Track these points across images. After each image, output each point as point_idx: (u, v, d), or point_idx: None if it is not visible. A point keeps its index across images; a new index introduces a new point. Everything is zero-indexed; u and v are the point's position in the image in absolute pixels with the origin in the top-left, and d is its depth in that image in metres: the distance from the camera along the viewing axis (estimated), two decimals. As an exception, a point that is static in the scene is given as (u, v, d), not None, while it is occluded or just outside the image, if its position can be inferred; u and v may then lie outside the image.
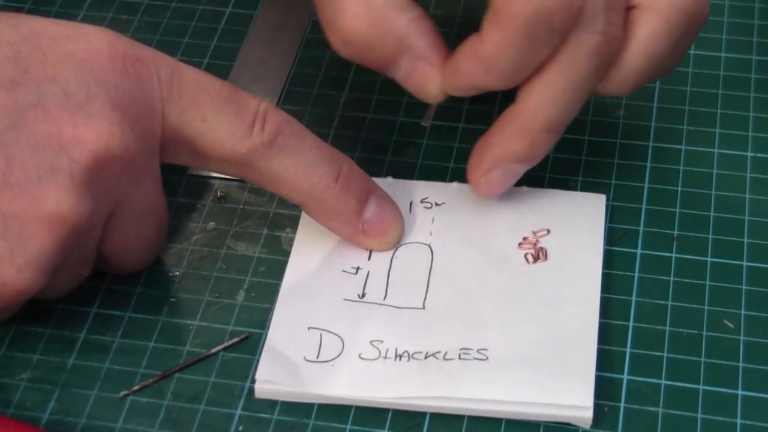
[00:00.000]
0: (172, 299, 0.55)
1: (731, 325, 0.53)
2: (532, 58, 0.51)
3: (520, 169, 0.54)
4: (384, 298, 0.54)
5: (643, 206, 0.57)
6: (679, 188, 0.58)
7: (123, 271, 0.55)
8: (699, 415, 0.50)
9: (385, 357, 0.51)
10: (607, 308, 0.53)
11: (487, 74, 0.52)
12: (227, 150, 0.52)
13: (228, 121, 0.52)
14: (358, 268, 0.55)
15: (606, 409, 0.50)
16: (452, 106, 0.61)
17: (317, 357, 0.52)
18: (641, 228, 0.57)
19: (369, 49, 0.53)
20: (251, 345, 0.53)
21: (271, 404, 0.51)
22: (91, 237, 0.51)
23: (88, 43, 0.50)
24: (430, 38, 0.53)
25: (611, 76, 0.53)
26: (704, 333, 0.53)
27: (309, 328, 0.53)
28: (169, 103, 0.51)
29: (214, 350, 0.53)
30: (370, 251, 0.55)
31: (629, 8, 0.53)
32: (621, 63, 0.53)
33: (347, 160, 0.54)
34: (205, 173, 0.59)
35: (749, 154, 0.59)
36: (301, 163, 0.53)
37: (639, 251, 0.56)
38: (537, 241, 0.55)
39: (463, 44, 0.52)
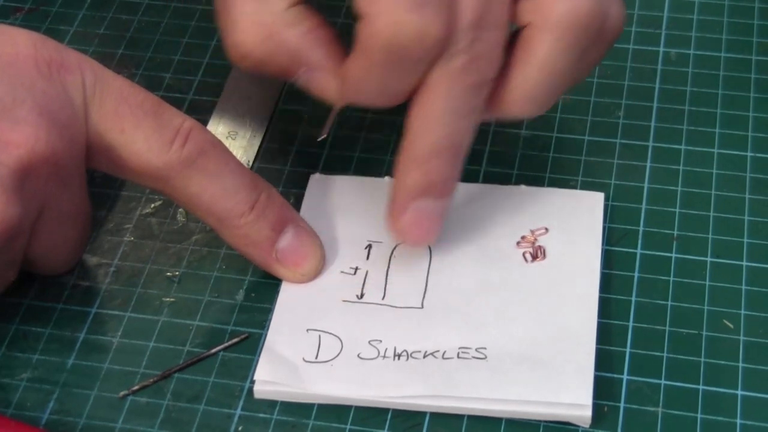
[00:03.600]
0: (172, 299, 0.55)
1: (731, 326, 0.53)
2: (398, 84, 0.51)
3: (433, 205, 0.53)
4: (383, 298, 0.54)
5: (643, 206, 0.57)
6: (679, 188, 0.58)
7: (49, 272, 0.55)
8: (699, 416, 0.50)
9: (384, 356, 0.51)
10: (607, 308, 0.53)
11: (358, 96, 0.51)
12: (143, 163, 0.51)
13: (146, 134, 0.51)
14: (356, 268, 0.55)
15: (605, 409, 0.50)
16: (452, 106, 0.61)
17: (316, 357, 0.52)
18: (641, 228, 0.56)
19: (263, 65, 0.52)
20: (251, 345, 0.53)
21: (270, 404, 0.51)
22: (19, 241, 0.50)
23: (14, 47, 0.50)
24: (324, 50, 0.52)
25: (514, 97, 0.52)
26: (704, 333, 0.53)
27: (308, 329, 0.53)
28: (91, 108, 0.51)
29: (213, 350, 0.53)
30: (368, 251, 0.55)
31: (523, 26, 0.51)
32: (523, 84, 0.51)
33: (268, 188, 0.53)
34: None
35: (749, 154, 0.59)
36: (219, 187, 0.52)
37: (639, 251, 0.56)
38: (535, 239, 0.55)
39: (345, 63, 0.52)
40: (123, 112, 0.51)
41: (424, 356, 0.51)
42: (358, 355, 0.52)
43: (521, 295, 0.53)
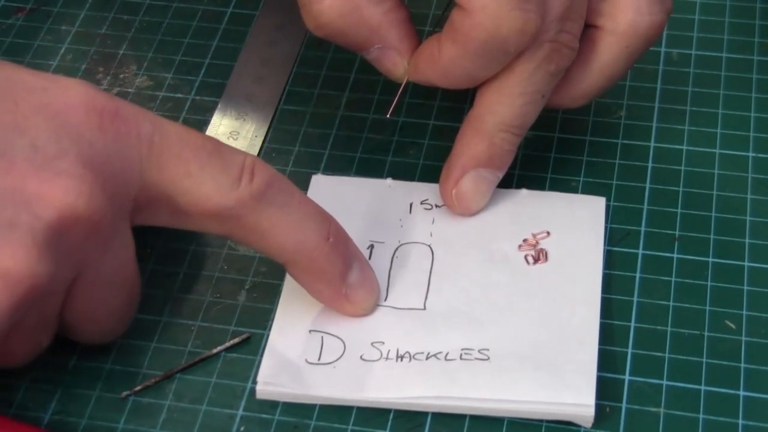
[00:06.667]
0: (174, 299, 0.55)
1: (733, 326, 0.53)
2: (486, 71, 0.53)
3: (490, 176, 0.56)
4: (385, 300, 0.54)
5: (645, 206, 0.57)
6: (681, 189, 0.58)
7: (89, 341, 0.52)
8: (701, 416, 0.50)
9: (387, 358, 0.51)
10: (608, 309, 0.53)
11: (442, 79, 0.54)
12: (213, 205, 0.49)
13: (214, 175, 0.49)
14: (359, 269, 0.55)
15: (608, 409, 0.50)
16: (453, 106, 0.61)
17: (318, 359, 0.52)
18: (642, 228, 0.57)
19: (342, 36, 0.54)
20: (253, 345, 0.53)
21: (272, 405, 0.51)
22: (51, 303, 0.48)
23: (65, 96, 0.48)
24: (401, 30, 0.54)
25: (569, 91, 0.56)
26: (706, 333, 0.53)
27: (310, 331, 0.53)
28: (149, 160, 0.48)
29: (215, 350, 0.53)
30: (370, 251, 0.55)
31: (591, 26, 0.55)
32: (581, 80, 0.55)
33: (334, 219, 0.52)
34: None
35: (750, 154, 0.59)
36: (291, 219, 0.50)
37: (640, 251, 0.56)
38: (537, 243, 0.55)
39: (424, 44, 0.54)
40: (186, 156, 0.49)
41: (427, 358, 0.51)
42: (360, 357, 0.52)
43: (524, 296, 0.53)
